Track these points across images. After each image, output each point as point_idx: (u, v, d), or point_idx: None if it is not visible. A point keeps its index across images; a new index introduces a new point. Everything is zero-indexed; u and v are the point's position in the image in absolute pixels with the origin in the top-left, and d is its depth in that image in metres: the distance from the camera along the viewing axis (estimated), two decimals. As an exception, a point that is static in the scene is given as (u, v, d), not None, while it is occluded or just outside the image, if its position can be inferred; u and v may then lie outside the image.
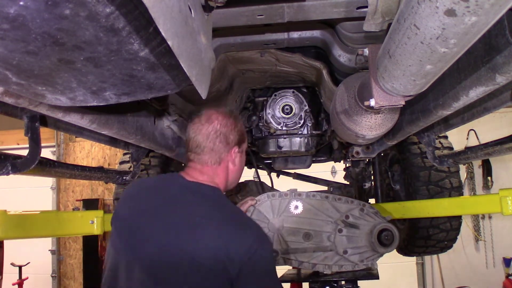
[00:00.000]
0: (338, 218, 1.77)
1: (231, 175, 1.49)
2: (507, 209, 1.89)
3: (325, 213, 1.79)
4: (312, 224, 1.79)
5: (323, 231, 1.77)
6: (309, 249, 1.77)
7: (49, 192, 6.84)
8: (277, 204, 1.79)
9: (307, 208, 1.79)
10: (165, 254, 1.28)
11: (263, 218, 1.77)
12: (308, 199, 1.81)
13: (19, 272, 5.54)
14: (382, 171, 2.98)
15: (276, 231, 1.77)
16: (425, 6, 0.66)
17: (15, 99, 1.05)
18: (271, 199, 1.78)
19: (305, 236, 1.78)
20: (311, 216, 1.79)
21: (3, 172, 1.36)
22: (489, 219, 6.01)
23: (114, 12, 0.54)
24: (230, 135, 1.45)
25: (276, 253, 1.74)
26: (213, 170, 1.44)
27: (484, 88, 1.01)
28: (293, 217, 1.78)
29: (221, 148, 1.43)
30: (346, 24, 1.45)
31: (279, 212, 1.78)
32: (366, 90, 1.25)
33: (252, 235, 1.30)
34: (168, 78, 0.78)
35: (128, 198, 1.44)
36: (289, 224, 1.78)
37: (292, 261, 1.78)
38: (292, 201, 1.79)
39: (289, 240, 1.77)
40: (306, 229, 1.78)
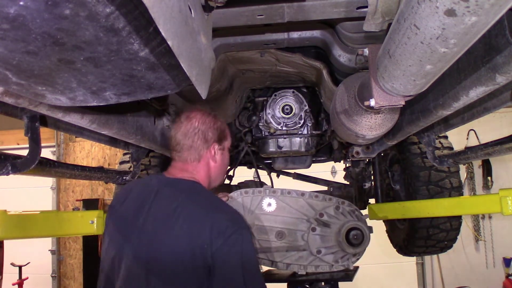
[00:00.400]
0: (312, 216, 1.72)
1: (213, 172, 1.51)
2: (507, 209, 1.89)
3: (300, 211, 1.73)
4: (285, 222, 1.73)
5: (297, 230, 1.72)
6: (281, 249, 1.72)
7: (49, 192, 6.83)
8: (248, 202, 1.74)
9: (281, 206, 1.74)
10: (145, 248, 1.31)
11: None
12: (282, 197, 1.75)
13: (19, 272, 5.54)
14: (382, 171, 2.98)
15: None
16: (425, 6, 0.66)
17: (15, 99, 1.05)
18: (243, 196, 1.74)
19: (278, 234, 1.73)
20: (285, 214, 1.73)
21: (3, 172, 1.36)
22: (489, 219, 6.01)
23: (114, 12, 0.54)
24: (208, 132, 1.49)
25: None
26: (193, 167, 1.47)
27: (484, 88, 1.01)
28: (266, 215, 1.73)
29: (200, 145, 1.47)
30: (346, 24, 1.45)
31: (251, 209, 1.74)
32: (366, 90, 1.25)
33: (227, 218, 1.30)
34: (168, 78, 0.78)
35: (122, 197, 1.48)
36: (261, 223, 1.73)
37: (264, 260, 1.74)
38: (264, 199, 1.74)
39: (261, 239, 1.72)
40: (279, 228, 1.73)
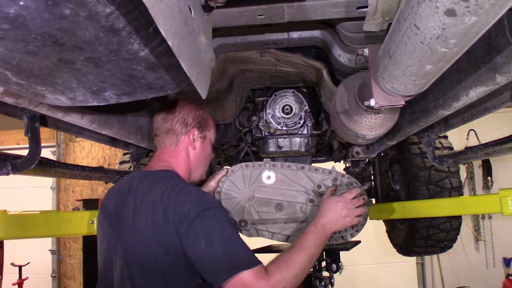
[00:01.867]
0: (311, 188, 1.73)
1: (193, 160, 1.50)
2: (507, 209, 1.89)
3: (299, 184, 1.74)
4: (285, 194, 1.74)
5: (296, 202, 1.73)
6: (280, 220, 1.73)
7: (49, 192, 6.83)
8: (248, 174, 1.75)
9: (280, 179, 1.74)
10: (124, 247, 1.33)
11: (234, 188, 1.74)
12: (282, 170, 1.75)
13: (19, 272, 5.53)
14: (382, 171, 2.98)
15: (247, 201, 1.74)
16: (425, 6, 0.66)
17: (15, 99, 1.05)
18: (243, 169, 1.75)
19: (277, 206, 1.73)
20: (284, 186, 1.74)
21: (3, 172, 1.36)
22: (489, 219, 6.01)
23: (114, 12, 0.54)
24: (188, 117, 1.51)
25: (245, 222, 1.71)
26: (171, 152, 1.48)
27: (484, 88, 1.01)
28: (265, 187, 1.74)
29: (179, 129, 1.49)
30: (346, 24, 1.45)
31: (251, 182, 1.74)
32: (366, 90, 1.25)
33: (189, 201, 1.27)
34: (168, 78, 0.78)
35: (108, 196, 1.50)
36: (261, 195, 1.74)
37: (264, 232, 1.75)
38: (264, 171, 1.75)
39: (260, 211, 1.74)
40: (278, 200, 1.74)
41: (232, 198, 1.74)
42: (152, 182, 1.37)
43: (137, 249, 1.29)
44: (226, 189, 1.74)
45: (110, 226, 1.40)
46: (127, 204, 1.37)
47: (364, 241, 6.33)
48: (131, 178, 1.47)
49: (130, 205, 1.35)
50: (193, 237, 1.22)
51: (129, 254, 1.31)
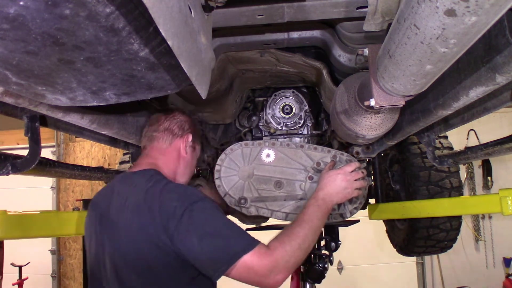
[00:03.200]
0: (310, 166, 1.73)
1: (182, 163, 1.52)
2: (507, 209, 1.89)
3: (299, 162, 1.74)
4: (284, 172, 1.75)
5: (296, 180, 1.73)
6: (279, 198, 1.73)
7: (49, 192, 6.83)
8: (248, 152, 1.75)
9: (279, 157, 1.75)
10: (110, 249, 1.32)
11: (234, 166, 1.75)
12: (281, 148, 1.76)
13: (19, 272, 5.53)
14: (382, 171, 2.98)
15: (246, 179, 1.74)
16: (425, 6, 0.66)
17: (15, 99, 1.05)
18: (243, 148, 1.76)
19: (276, 184, 1.74)
20: (284, 164, 1.74)
21: (3, 172, 1.36)
22: (489, 219, 6.01)
23: (114, 12, 0.54)
24: (186, 123, 1.55)
25: (245, 200, 1.71)
26: (162, 150, 1.49)
27: (484, 88, 1.01)
28: (265, 165, 1.75)
29: (176, 130, 1.51)
30: (346, 24, 1.45)
31: (250, 160, 1.75)
32: (366, 90, 1.25)
33: (174, 198, 1.26)
34: (168, 78, 0.78)
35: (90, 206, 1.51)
36: (260, 172, 1.75)
37: (263, 209, 1.75)
38: (263, 150, 1.75)
39: (259, 188, 1.74)
40: (277, 178, 1.74)
41: (232, 176, 1.74)
42: (133, 182, 1.36)
43: (125, 251, 1.28)
44: (226, 167, 1.74)
45: (96, 230, 1.40)
46: (111, 207, 1.36)
47: (364, 241, 6.35)
48: (114, 181, 1.48)
49: (114, 207, 1.35)
50: (184, 233, 1.20)
51: (117, 256, 1.30)
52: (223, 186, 1.73)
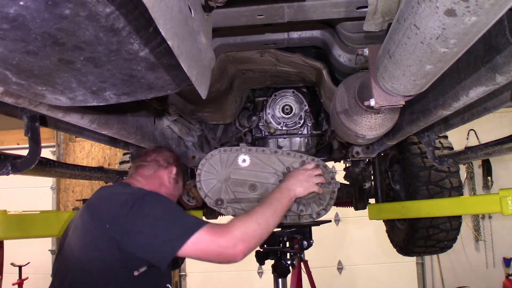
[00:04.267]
0: (281, 170, 1.86)
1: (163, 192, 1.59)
2: (507, 209, 1.89)
3: (272, 166, 1.87)
4: (258, 176, 1.88)
5: (268, 183, 1.86)
6: (254, 200, 1.86)
7: (49, 192, 6.83)
8: (225, 158, 1.89)
9: (254, 162, 1.88)
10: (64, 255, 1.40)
11: (213, 170, 1.87)
12: (256, 154, 1.89)
13: (19, 272, 5.53)
14: (382, 171, 2.98)
15: (223, 182, 1.87)
16: (425, 6, 0.66)
17: (15, 99, 1.05)
18: (221, 153, 1.89)
19: (251, 187, 1.86)
20: (258, 169, 1.88)
21: (3, 172, 1.36)
22: (489, 219, 6.01)
23: (114, 12, 0.54)
24: (171, 158, 1.70)
25: (221, 201, 1.85)
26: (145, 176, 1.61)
27: (484, 88, 1.01)
28: (241, 169, 1.88)
29: (161, 161, 1.65)
30: (346, 24, 1.45)
31: (227, 165, 1.88)
32: (366, 90, 1.25)
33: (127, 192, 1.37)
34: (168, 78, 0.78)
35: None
36: (236, 176, 1.88)
37: (239, 210, 1.88)
38: (240, 155, 1.88)
39: (235, 191, 1.87)
40: (252, 181, 1.87)
41: (211, 179, 1.87)
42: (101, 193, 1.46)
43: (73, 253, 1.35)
44: (206, 171, 1.87)
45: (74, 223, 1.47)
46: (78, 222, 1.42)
47: (364, 241, 6.35)
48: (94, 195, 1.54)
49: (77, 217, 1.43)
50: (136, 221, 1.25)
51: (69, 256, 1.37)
52: (203, 188, 1.86)
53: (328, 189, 1.82)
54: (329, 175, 1.84)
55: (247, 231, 1.31)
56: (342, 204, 3.45)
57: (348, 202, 3.31)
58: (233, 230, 1.28)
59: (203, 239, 1.23)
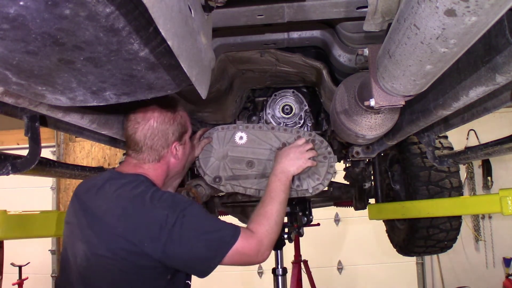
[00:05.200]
0: (277, 146, 1.89)
1: (172, 169, 1.52)
2: (507, 209, 1.89)
3: (268, 143, 1.90)
4: (255, 153, 1.91)
5: (265, 159, 1.89)
6: (251, 176, 1.89)
7: (49, 192, 6.83)
8: (223, 136, 1.91)
9: (251, 139, 1.91)
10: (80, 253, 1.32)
11: (211, 148, 1.91)
12: (253, 131, 1.92)
13: (19, 272, 5.53)
14: (382, 171, 2.97)
15: (221, 160, 1.90)
16: (425, 6, 0.66)
17: (15, 99, 1.05)
18: (218, 132, 1.92)
19: (248, 164, 1.89)
20: (255, 145, 1.90)
21: (3, 172, 1.36)
22: (489, 219, 6.00)
23: (114, 12, 0.54)
24: (168, 131, 1.45)
25: (219, 178, 1.87)
26: (151, 165, 1.45)
27: (484, 88, 1.01)
28: (238, 147, 1.91)
29: (160, 145, 1.44)
30: (346, 24, 1.45)
31: (225, 142, 1.91)
32: (366, 90, 1.25)
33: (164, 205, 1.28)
34: (168, 78, 0.78)
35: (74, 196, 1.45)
36: (234, 153, 1.91)
37: (238, 187, 1.91)
38: (237, 133, 1.91)
39: (233, 168, 1.90)
40: (249, 158, 1.90)
41: (209, 157, 1.90)
42: (122, 186, 1.35)
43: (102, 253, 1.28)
44: (204, 150, 1.91)
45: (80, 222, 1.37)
46: (98, 204, 1.34)
47: (364, 241, 6.35)
48: (101, 178, 1.43)
49: (101, 206, 1.33)
50: (178, 240, 1.25)
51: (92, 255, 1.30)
52: (202, 167, 1.89)
53: (325, 163, 1.83)
54: (326, 150, 1.85)
55: (272, 237, 1.40)
56: (342, 204, 3.45)
57: (348, 202, 3.32)
58: (263, 239, 1.36)
59: (238, 252, 1.30)
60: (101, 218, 1.31)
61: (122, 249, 1.26)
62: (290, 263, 3.86)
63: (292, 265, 3.88)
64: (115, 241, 1.27)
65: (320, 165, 1.83)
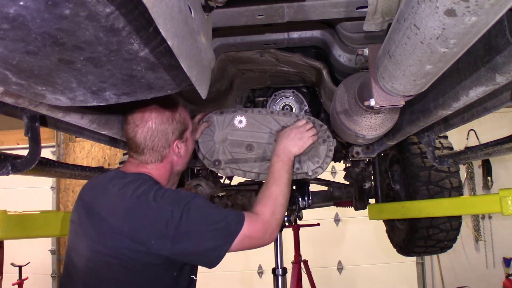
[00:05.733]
0: (276, 129, 1.89)
1: (175, 165, 1.53)
2: (507, 209, 1.89)
3: (267, 126, 1.90)
4: (254, 136, 1.90)
5: (265, 143, 1.89)
6: (250, 159, 1.89)
7: (49, 192, 6.83)
8: (222, 119, 1.91)
9: (250, 122, 1.91)
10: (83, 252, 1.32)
11: (210, 132, 1.90)
12: (253, 114, 1.92)
13: (19, 272, 5.53)
14: (382, 171, 2.97)
15: (221, 143, 1.90)
16: (425, 6, 0.66)
17: (15, 99, 1.05)
18: (217, 115, 1.91)
19: (247, 147, 1.89)
20: (254, 129, 1.90)
21: (3, 172, 1.36)
22: (489, 219, 6.00)
23: (114, 12, 0.54)
24: (168, 131, 1.44)
25: (219, 162, 1.87)
26: (154, 166, 1.46)
27: (484, 88, 1.01)
28: (237, 130, 1.91)
29: (161, 146, 1.44)
30: (346, 24, 1.45)
31: (224, 126, 1.91)
32: (366, 90, 1.25)
33: (168, 201, 1.28)
34: (168, 78, 0.78)
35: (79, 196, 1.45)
36: (233, 137, 1.90)
37: (237, 170, 1.91)
38: (236, 116, 1.91)
39: (233, 151, 1.90)
40: (249, 141, 1.90)
41: (208, 141, 1.89)
42: (125, 185, 1.34)
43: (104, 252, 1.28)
44: (204, 133, 1.90)
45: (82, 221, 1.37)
46: (101, 203, 1.35)
47: (364, 241, 6.34)
48: (104, 176, 1.43)
49: (104, 205, 1.33)
50: (185, 234, 1.26)
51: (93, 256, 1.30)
52: (201, 150, 1.88)
53: (324, 146, 1.83)
54: (325, 133, 1.85)
55: (278, 217, 1.42)
56: (342, 204, 3.45)
57: (348, 202, 3.31)
58: (269, 220, 1.38)
59: (246, 236, 1.32)
60: (105, 218, 1.30)
61: (127, 248, 1.25)
62: (290, 263, 3.86)
63: (292, 265, 3.88)
64: (119, 240, 1.26)
65: (320, 149, 1.83)
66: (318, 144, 1.82)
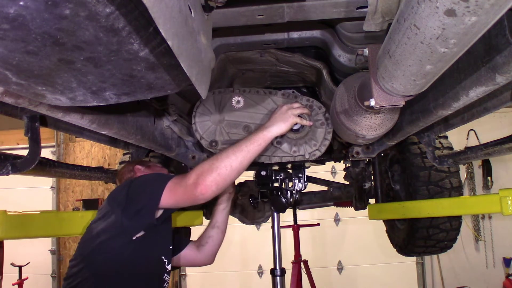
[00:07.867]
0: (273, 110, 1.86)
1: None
2: (507, 209, 1.89)
3: (265, 107, 1.86)
4: (252, 117, 1.87)
5: (262, 124, 1.83)
6: None
7: (49, 192, 6.83)
8: (219, 99, 1.87)
9: (248, 103, 1.87)
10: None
11: (207, 112, 1.87)
12: (250, 95, 1.88)
13: (19, 272, 5.53)
14: (382, 171, 2.97)
15: (218, 124, 1.87)
16: (425, 6, 0.66)
17: (15, 99, 1.05)
18: (215, 95, 1.87)
19: (245, 128, 1.86)
20: (252, 110, 1.86)
21: (3, 172, 1.36)
22: (489, 219, 6.00)
23: (114, 12, 0.54)
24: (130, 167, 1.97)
25: (215, 142, 1.85)
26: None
27: (484, 88, 1.01)
28: (235, 111, 1.87)
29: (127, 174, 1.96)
30: (346, 24, 1.45)
31: (222, 106, 1.88)
32: (366, 90, 1.25)
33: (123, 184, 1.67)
34: (168, 78, 0.78)
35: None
36: (231, 118, 1.87)
37: None
38: (234, 97, 1.87)
39: (230, 132, 1.87)
40: (246, 122, 1.87)
41: (206, 121, 1.87)
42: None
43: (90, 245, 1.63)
44: (200, 113, 1.88)
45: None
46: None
47: (364, 241, 6.34)
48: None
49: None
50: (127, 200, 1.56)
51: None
52: (198, 130, 1.86)
53: (322, 129, 1.81)
54: (324, 116, 1.82)
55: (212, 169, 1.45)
56: (342, 204, 3.45)
57: (348, 202, 3.31)
58: (192, 173, 1.47)
59: (172, 189, 1.49)
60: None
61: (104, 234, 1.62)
62: (290, 263, 3.86)
63: (292, 265, 3.88)
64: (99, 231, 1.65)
65: (318, 132, 1.80)
66: (315, 127, 1.80)
